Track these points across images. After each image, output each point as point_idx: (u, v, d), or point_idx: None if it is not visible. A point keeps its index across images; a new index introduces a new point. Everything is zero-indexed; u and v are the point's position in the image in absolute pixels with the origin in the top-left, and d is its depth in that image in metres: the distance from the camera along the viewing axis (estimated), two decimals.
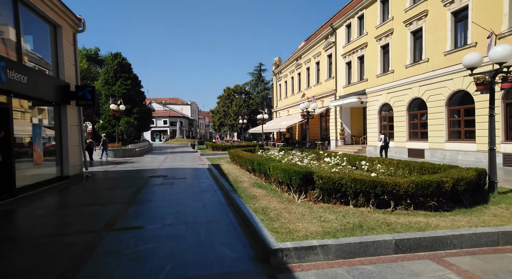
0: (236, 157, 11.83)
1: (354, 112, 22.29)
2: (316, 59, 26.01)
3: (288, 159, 8.99)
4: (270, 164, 6.99)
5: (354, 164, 9.07)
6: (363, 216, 4.63)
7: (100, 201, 6.98)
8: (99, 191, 8.26)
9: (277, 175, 6.36)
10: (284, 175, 6.02)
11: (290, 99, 32.49)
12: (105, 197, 7.48)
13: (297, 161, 8.25)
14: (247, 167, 9.76)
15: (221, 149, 22.98)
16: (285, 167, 6.09)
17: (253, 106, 53.46)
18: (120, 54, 23.45)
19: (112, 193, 7.91)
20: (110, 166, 14.27)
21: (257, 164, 7.98)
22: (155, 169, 13.10)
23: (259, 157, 8.98)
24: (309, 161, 8.18)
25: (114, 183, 9.64)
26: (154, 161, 17.08)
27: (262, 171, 7.70)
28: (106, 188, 8.60)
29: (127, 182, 9.66)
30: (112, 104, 20.49)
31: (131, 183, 9.40)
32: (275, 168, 6.53)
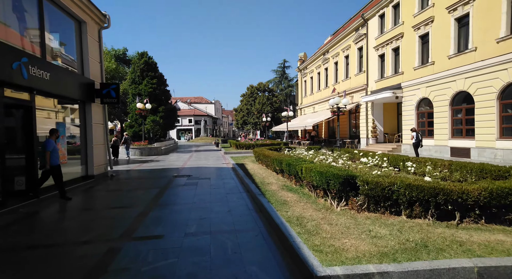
0: (261, 156, 11.19)
1: (387, 108, 20.83)
2: (345, 53, 24.69)
3: (319, 159, 8.20)
4: (302, 165, 6.26)
5: (396, 164, 8.09)
6: (424, 231, 3.78)
7: (122, 203, 6.63)
8: (122, 191, 7.97)
9: (312, 178, 5.62)
10: (320, 178, 5.28)
11: (316, 95, 31.31)
12: (127, 198, 7.15)
13: (331, 162, 7.45)
14: (274, 167, 9.08)
15: (244, 147, 22.51)
16: (322, 169, 5.33)
17: (276, 104, 52.61)
18: (147, 53, 23.66)
19: (135, 194, 7.57)
20: (135, 165, 14.20)
21: (286, 164, 7.28)
22: (180, 168, 12.81)
23: (288, 157, 8.26)
24: (345, 162, 7.34)
25: (138, 183, 9.37)
26: (179, 160, 16.89)
27: (292, 172, 6.99)
28: (129, 189, 8.31)
29: (150, 182, 9.35)
30: (139, 103, 20.65)
31: (154, 183, 9.07)
32: (308, 170, 5.80)
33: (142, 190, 8.01)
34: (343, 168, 6.04)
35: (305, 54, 37.69)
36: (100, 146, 10.07)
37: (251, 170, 10.54)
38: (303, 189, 6.61)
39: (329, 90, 27.86)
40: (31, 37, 7.13)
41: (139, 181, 9.71)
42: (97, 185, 8.82)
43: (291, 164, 6.99)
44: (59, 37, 8.69)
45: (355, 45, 22.96)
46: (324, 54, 28.97)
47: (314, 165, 5.96)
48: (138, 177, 10.45)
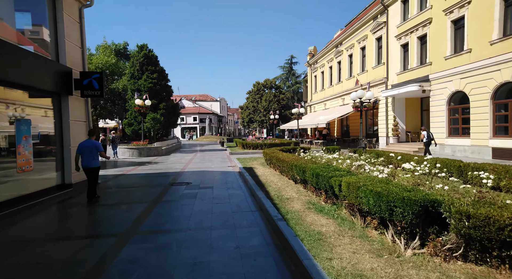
0: (274, 160, 9.38)
1: (410, 103, 18.82)
2: (361, 44, 22.67)
3: (353, 165, 6.36)
4: (340, 179, 4.45)
5: (459, 174, 6.19)
6: None
7: (88, 230, 4.92)
8: (99, 207, 6.26)
9: (360, 199, 3.81)
10: (376, 203, 3.46)
11: (328, 91, 29.33)
12: (101, 220, 5.43)
13: (373, 170, 5.62)
14: (292, 175, 7.28)
15: (251, 147, 20.76)
16: (378, 187, 3.52)
17: (283, 101, 50.71)
18: (146, 46, 22.01)
19: (115, 212, 5.85)
20: (130, 168, 12.54)
21: (313, 174, 5.46)
22: (179, 172, 11.11)
23: (312, 163, 6.44)
24: (391, 171, 5.48)
25: (125, 193, 7.65)
26: (180, 161, 15.21)
27: (322, 186, 5.18)
28: (111, 203, 6.59)
29: (140, 193, 7.64)
30: (137, 100, 19.04)
31: (144, 195, 7.36)
32: (353, 187, 3.98)
33: (126, 205, 6.29)
34: (406, 183, 4.22)
35: (315, 48, 35.67)
36: None
37: (262, 177, 8.76)
38: (339, 210, 4.81)
39: (342, 85, 25.88)
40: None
41: (126, 191, 8.00)
42: (73, 197, 7.15)
43: (320, 174, 5.17)
44: (27, 14, 7.02)
45: (373, 35, 20.93)
46: (337, 47, 26.95)
47: (361, 178, 4.14)
48: (127, 185, 8.75)
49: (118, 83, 25.10)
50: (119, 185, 8.85)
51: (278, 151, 11.25)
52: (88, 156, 6.33)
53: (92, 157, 6.38)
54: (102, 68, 25.58)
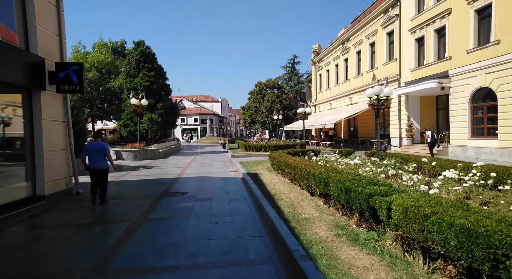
0: (284, 166, 8.10)
1: (425, 102, 17.54)
2: (370, 40, 21.39)
3: (381, 173, 5.10)
4: (388, 199, 3.17)
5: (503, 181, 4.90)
6: None
7: (51, 262, 3.67)
8: (70, 228, 5.01)
9: (431, 236, 2.52)
10: (465, 245, 2.19)
11: (334, 90, 28.06)
12: (65, 248, 4.18)
13: (414, 181, 4.37)
14: (307, 184, 6.00)
15: (254, 150, 19.50)
16: (465, 220, 2.26)
17: (286, 101, 49.47)
18: (143, 42, 20.82)
19: (86, 237, 4.61)
20: (120, 174, 11.31)
21: (343, 189, 4.13)
22: (176, 179, 9.87)
23: (334, 172, 5.18)
24: (449, 189, 4.20)
25: (108, 207, 6.41)
26: (178, 165, 13.97)
27: (355, 205, 3.88)
28: (86, 222, 5.35)
29: (125, 207, 6.38)
30: (133, 99, 17.87)
31: (129, 210, 6.11)
32: (416, 215, 2.69)
33: (102, 226, 5.05)
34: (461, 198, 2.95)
35: (319, 46, 34.41)
36: (58, 152, 7.18)
37: (269, 185, 7.50)
38: (382, 239, 3.53)
39: (350, 84, 24.61)
40: None
41: (111, 203, 6.76)
42: (43, 212, 5.91)
43: (352, 189, 3.89)
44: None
45: (384, 30, 19.66)
46: (344, 44, 25.69)
47: (421, 201, 2.87)
48: (112, 196, 7.49)
49: (114, 83, 23.96)
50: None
51: (285, 154, 10.00)
52: (96, 157, 6.26)
53: (100, 158, 6.32)
54: (98, 67, 24.46)
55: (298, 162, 7.13)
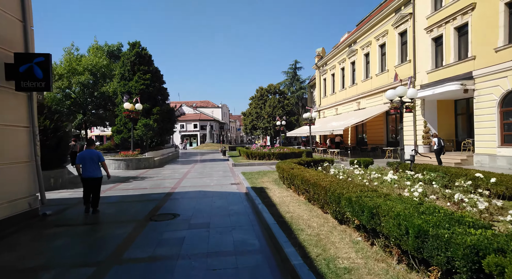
0: (298, 181, 6.61)
1: (442, 106, 16.17)
2: (380, 41, 20.15)
3: (437, 193, 3.65)
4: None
5: None
6: None
7: None
8: (13, 273, 3.56)
9: None
10: None
11: (340, 95, 26.76)
12: None
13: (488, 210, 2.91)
14: (335, 209, 4.55)
15: (257, 158, 18.08)
16: None
17: (288, 107, 48.20)
18: (139, 43, 19.56)
19: None
20: (106, 187, 9.81)
21: (424, 234, 2.63)
22: (167, 194, 8.42)
23: (385, 199, 3.73)
24: None
25: (68, 239, 4.93)
26: (173, 176, 12.52)
27: (440, 260, 2.43)
28: (30, 265, 3.88)
29: (96, 238, 4.91)
30: (126, 103, 16.51)
31: (102, 242, 4.64)
32: None
33: (65, 270, 3.58)
34: None
35: (323, 50, 33.28)
36: (18, 165, 5.73)
37: (282, 206, 6.04)
38: None
39: (357, 88, 23.30)
40: None
41: (74, 233, 5.29)
42: None
43: (428, 233, 2.45)
44: None
45: (395, 30, 18.41)
46: (350, 46, 24.47)
47: None
48: (81, 221, 6.02)
49: (108, 86, 22.67)
50: (70, 219, 6.12)
51: (296, 165, 8.56)
52: (90, 166, 6.13)
53: (95, 166, 6.18)
54: (92, 70, 23.20)
55: (317, 178, 5.68)
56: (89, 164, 6.11)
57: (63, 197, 8.34)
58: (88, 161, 6.11)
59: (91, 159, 6.15)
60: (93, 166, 6.14)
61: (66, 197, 8.33)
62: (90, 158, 6.15)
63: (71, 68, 21.91)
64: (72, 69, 21.98)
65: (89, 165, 6.10)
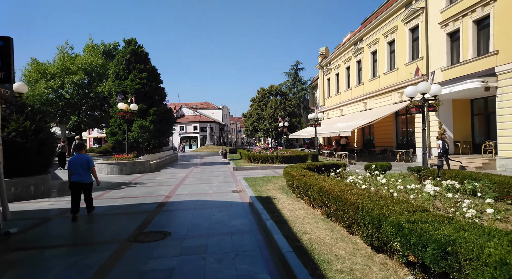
0: (315, 193, 5.49)
1: (457, 106, 15.16)
2: (388, 38, 19.14)
3: None
4: None
5: None
6: None
7: None
8: None
9: None
10: None
11: (345, 95, 25.74)
12: None
13: None
14: (372, 234, 3.50)
15: (260, 161, 16.99)
16: None
17: (290, 108, 47.24)
18: (135, 40, 18.58)
19: None
20: (94, 195, 8.76)
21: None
22: (160, 205, 7.36)
23: (449, 224, 2.68)
24: None
25: (33, 268, 3.87)
26: (169, 182, 11.47)
27: None
28: None
29: (65, 265, 3.85)
30: (121, 103, 15.50)
31: (70, 272, 3.59)
32: None
33: None
34: None
35: (326, 49, 32.32)
36: None
37: (295, 223, 4.97)
38: None
39: (364, 88, 22.28)
40: None
41: (46, 256, 4.24)
42: None
43: None
44: None
45: (406, 26, 17.41)
46: (356, 44, 23.48)
47: None
48: (50, 242, 4.96)
49: (104, 86, 21.67)
50: (39, 238, 5.04)
51: (306, 171, 7.53)
52: (79, 171, 5.99)
53: (84, 171, 6.04)
54: (87, 69, 22.21)
55: (340, 189, 4.63)
56: (78, 169, 5.97)
57: (40, 208, 7.29)
58: (77, 166, 5.97)
59: (80, 164, 6.00)
60: (81, 171, 5.98)
61: (44, 208, 7.27)
62: (80, 162, 6.00)
63: (64, 67, 20.92)
64: (66, 68, 20.99)
65: (78, 170, 5.96)
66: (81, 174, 6.00)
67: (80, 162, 6.02)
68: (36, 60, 20.88)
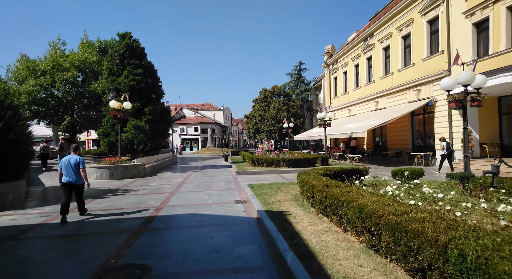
0: (357, 215, 4.13)
1: (484, 104, 13.62)
2: (403, 32, 17.72)
3: None
4: None
5: None
6: None
7: None
8: None
9: None
10: None
11: (353, 94, 24.32)
12: None
13: None
14: None
15: (264, 164, 15.59)
16: None
17: (293, 109, 45.85)
18: (130, 34, 17.24)
19: None
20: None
21: None
22: (147, 220, 5.95)
23: None
24: None
25: None
26: (162, 189, 10.06)
27: None
28: None
29: None
30: (113, 101, 14.15)
31: None
32: None
33: None
34: None
35: (332, 47, 30.95)
36: None
37: (326, 258, 3.52)
38: None
39: (374, 86, 20.85)
40: None
41: None
42: None
43: None
44: None
45: (423, 18, 16.00)
46: (366, 40, 22.08)
47: None
48: (8, 266, 3.57)
49: (97, 84, 20.35)
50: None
51: (327, 179, 6.12)
52: (69, 172, 5.97)
53: (74, 173, 5.99)
54: (80, 66, 20.90)
55: (393, 210, 3.20)
56: (68, 169, 5.98)
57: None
58: (67, 167, 5.98)
59: (71, 165, 5.98)
60: (71, 172, 5.98)
61: (3, 225, 5.87)
62: (69, 163, 5.98)
63: (56, 64, 19.61)
64: (57, 65, 19.68)
65: (68, 171, 5.98)
66: (72, 175, 5.95)
67: (70, 162, 5.98)
68: (25, 56, 19.61)
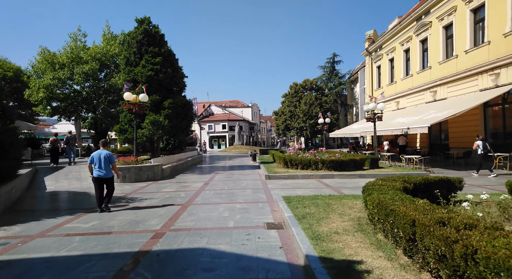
0: None
1: None
2: (472, 4, 14.21)
3: None
4: None
5: None
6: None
7: None
8: None
9: None
10: None
11: (402, 84, 20.90)
12: None
13: None
14: None
15: (299, 166, 13.09)
16: None
17: (326, 104, 42.48)
18: (149, 19, 15.59)
19: None
20: (51, 223, 5.50)
21: None
22: (136, 255, 3.83)
23: None
24: None
25: None
26: (174, 200, 8.00)
27: None
28: None
29: None
30: (127, 93, 12.55)
31: None
32: None
33: None
34: None
35: (375, 32, 27.45)
36: None
37: None
38: None
39: (431, 73, 17.39)
40: None
41: None
42: None
43: None
44: None
45: None
46: (419, 19, 18.59)
47: None
48: None
49: (118, 77, 19.10)
50: None
51: (422, 204, 3.56)
52: (100, 166, 6.35)
53: (105, 167, 6.38)
54: (101, 59, 19.76)
55: None
56: (99, 164, 6.32)
57: None
58: (98, 161, 6.34)
59: (100, 159, 6.34)
60: (102, 166, 6.31)
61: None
62: (99, 158, 6.35)
63: (75, 57, 18.61)
64: (77, 58, 18.67)
65: (98, 165, 6.32)
66: (100, 169, 6.29)
67: (100, 157, 6.34)
68: (46, 49, 18.84)
